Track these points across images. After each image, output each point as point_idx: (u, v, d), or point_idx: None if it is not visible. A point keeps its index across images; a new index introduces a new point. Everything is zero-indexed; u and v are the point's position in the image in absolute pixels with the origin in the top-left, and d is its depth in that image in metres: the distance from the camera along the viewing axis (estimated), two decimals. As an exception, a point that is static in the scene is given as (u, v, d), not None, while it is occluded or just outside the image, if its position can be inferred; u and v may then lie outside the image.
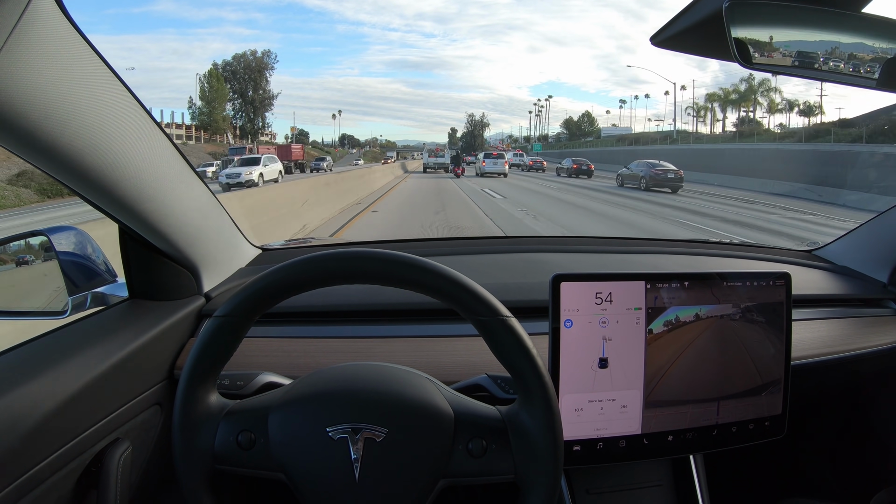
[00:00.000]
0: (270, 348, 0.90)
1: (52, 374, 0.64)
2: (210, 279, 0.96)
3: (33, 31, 0.48)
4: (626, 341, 0.77)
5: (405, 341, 0.92)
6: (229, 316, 0.58)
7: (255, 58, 48.66)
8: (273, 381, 0.75)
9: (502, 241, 1.35)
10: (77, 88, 0.56)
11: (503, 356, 0.58)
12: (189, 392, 0.58)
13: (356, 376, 0.63)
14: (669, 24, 0.69)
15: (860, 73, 0.67)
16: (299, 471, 0.58)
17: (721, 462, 0.93)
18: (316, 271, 0.58)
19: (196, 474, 0.58)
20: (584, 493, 0.86)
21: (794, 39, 0.67)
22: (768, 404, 0.83)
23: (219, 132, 45.57)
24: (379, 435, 0.57)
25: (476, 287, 0.58)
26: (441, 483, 0.58)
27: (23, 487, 0.58)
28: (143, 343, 0.77)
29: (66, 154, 0.59)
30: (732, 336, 0.81)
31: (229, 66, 48.23)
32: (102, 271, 0.89)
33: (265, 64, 48.96)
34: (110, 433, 0.71)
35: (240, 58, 48.86)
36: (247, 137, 47.32)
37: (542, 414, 0.57)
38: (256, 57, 48.83)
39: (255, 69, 48.31)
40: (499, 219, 9.40)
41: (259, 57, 48.99)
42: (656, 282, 0.78)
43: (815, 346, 0.98)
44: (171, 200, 0.79)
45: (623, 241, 1.36)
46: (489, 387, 0.75)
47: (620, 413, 0.78)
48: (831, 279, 1.21)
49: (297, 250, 1.31)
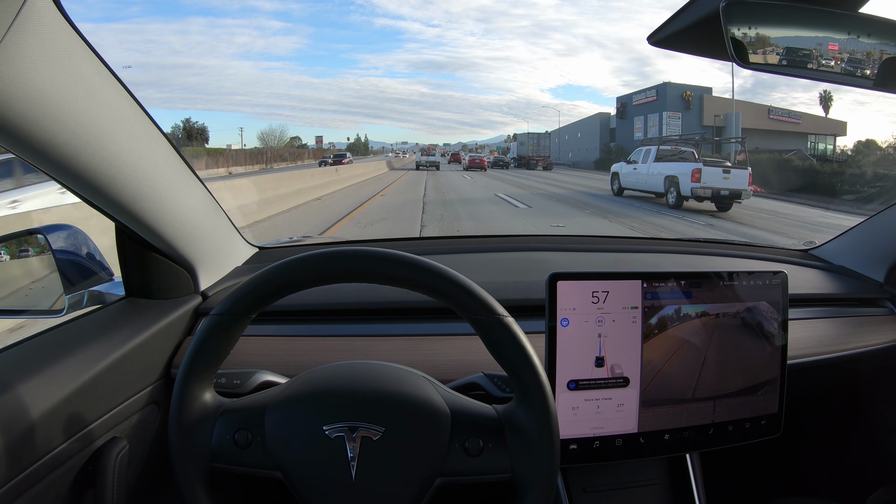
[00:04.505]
0: (267, 347, 0.90)
1: (48, 372, 0.64)
2: (207, 277, 0.96)
3: (30, 29, 0.48)
4: (622, 340, 0.77)
5: (402, 340, 0.92)
6: (226, 314, 0.58)
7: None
8: (270, 379, 0.75)
9: (499, 240, 1.35)
10: (73, 86, 0.56)
11: (500, 355, 0.58)
12: (185, 390, 0.58)
13: (353, 375, 0.63)
14: (667, 23, 0.69)
15: (857, 73, 0.67)
16: (296, 469, 0.58)
17: (717, 461, 0.94)
18: (312, 270, 0.58)
19: (193, 473, 0.58)
20: (580, 492, 0.86)
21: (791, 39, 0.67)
22: (764, 403, 0.84)
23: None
24: (375, 433, 0.58)
25: (473, 286, 0.58)
26: (437, 482, 0.58)
27: (20, 486, 0.57)
28: (139, 341, 0.77)
29: (62, 152, 0.59)
30: (729, 335, 0.81)
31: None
32: (99, 270, 0.89)
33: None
34: (107, 432, 0.71)
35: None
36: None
37: (539, 412, 0.57)
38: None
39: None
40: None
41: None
42: (653, 281, 0.78)
43: (812, 345, 0.98)
44: (168, 199, 0.79)
45: (620, 240, 1.37)
46: (486, 385, 0.75)
47: (617, 412, 0.78)
48: (828, 278, 1.21)
49: (294, 249, 1.31)
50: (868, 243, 1.21)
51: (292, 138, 68.57)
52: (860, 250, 1.23)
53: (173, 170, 0.79)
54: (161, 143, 0.75)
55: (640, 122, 32.68)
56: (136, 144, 0.70)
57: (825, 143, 30.01)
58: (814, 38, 0.67)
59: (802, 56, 0.67)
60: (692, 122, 29.56)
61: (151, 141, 0.73)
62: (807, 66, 0.67)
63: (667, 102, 31.08)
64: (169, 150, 0.77)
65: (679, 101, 31.11)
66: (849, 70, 0.67)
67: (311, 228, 7.83)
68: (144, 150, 0.72)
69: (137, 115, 0.69)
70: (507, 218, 9.26)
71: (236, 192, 8.87)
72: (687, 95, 30.95)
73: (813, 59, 0.67)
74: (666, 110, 30.74)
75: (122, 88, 0.64)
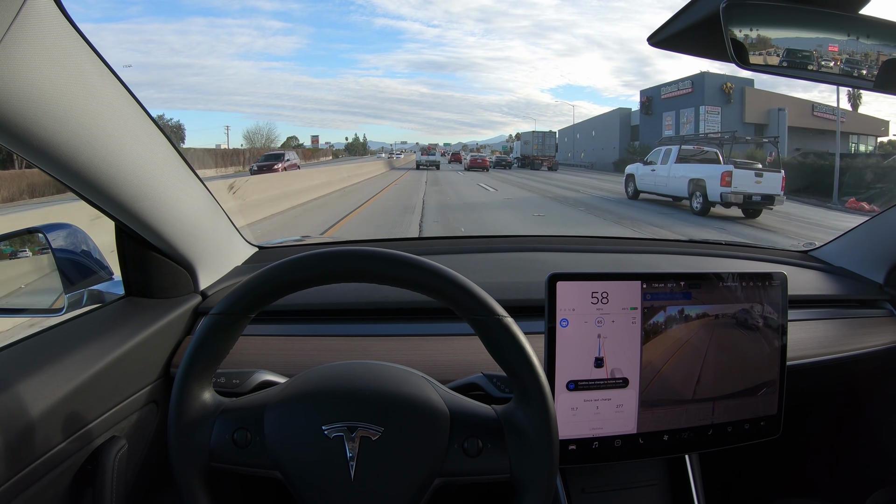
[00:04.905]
0: (266, 346, 0.90)
1: (48, 371, 0.64)
2: (206, 277, 0.96)
3: (30, 28, 0.48)
4: (621, 341, 0.77)
5: (401, 340, 0.92)
6: (225, 314, 0.58)
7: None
8: (269, 379, 0.75)
9: (499, 241, 1.35)
10: (74, 85, 0.56)
11: (499, 355, 0.58)
12: (185, 390, 0.58)
13: (352, 375, 0.63)
14: (667, 24, 0.69)
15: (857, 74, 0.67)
16: (295, 469, 0.58)
17: (717, 462, 0.94)
18: (312, 269, 0.58)
19: (192, 472, 0.58)
20: (579, 493, 0.86)
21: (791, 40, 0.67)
22: (764, 404, 0.83)
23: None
24: (374, 433, 0.58)
25: (472, 286, 0.58)
26: (436, 482, 0.58)
27: (19, 484, 0.57)
28: (139, 341, 0.77)
29: (62, 151, 0.59)
30: (728, 336, 0.81)
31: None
32: (99, 269, 0.89)
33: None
34: (106, 431, 0.71)
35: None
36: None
37: (538, 413, 0.57)
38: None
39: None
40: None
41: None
42: (652, 281, 0.78)
43: (811, 346, 0.98)
44: (168, 198, 0.79)
45: (620, 240, 1.37)
46: (485, 386, 0.75)
47: (616, 412, 0.78)
48: (827, 280, 1.21)
49: (294, 248, 1.31)
50: (868, 245, 1.21)
51: (289, 138, 67.27)
52: (860, 252, 1.22)
53: (173, 169, 0.79)
54: (161, 143, 0.75)
55: (671, 118, 28.71)
56: (136, 143, 0.70)
57: (865, 144, 26.31)
58: (814, 39, 0.67)
59: (803, 57, 0.66)
60: (732, 117, 25.40)
61: (151, 140, 0.73)
62: (807, 68, 0.67)
63: (704, 95, 27.03)
64: (169, 150, 0.77)
65: (718, 94, 27.02)
66: (849, 71, 0.67)
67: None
68: (144, 149, 0.72)
69: (137, 114, 0.69)
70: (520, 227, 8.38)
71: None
72: (727, 88, 26.99)
73: (813, 61, 0.67)
74: (704, 104, 26.77)
75: (122, 87, 0.64)
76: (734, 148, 12.21)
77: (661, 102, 30.16)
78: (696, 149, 11.91)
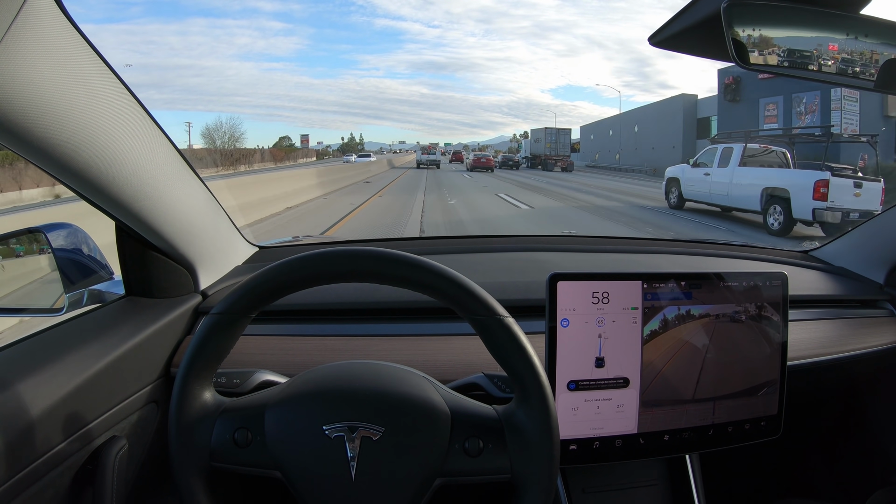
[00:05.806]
0: (267, 346, 0.90)
1: (48, 371, 0.64)
2: (207, 277, 0.96)
3: (30, 27, 0.48)
4: (622, 341, 0.77)
5: (402, 340, 0.92)
6: (226, 313, 0.58)
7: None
8: (269, 379, 0.75)
9: (499, 240, 1.35)
10: (74, 85, 0.56)
11: (500, 355, 0.58)
12: (185, 390, 0.58)
13: (353, 375, 0.63)
14: (668, 24, 0.69)
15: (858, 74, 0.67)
16: (295, 469, 0.58)
17: (717, 462, 0.94)
18: (313, 269, 0.58)
19: (192, 472, 0.58)
20: (580, 492, 0.86)
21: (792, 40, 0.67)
22: (764, 404, 0.83)
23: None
24: (375, 433, 0.58)
25: (473, 286, 0.58)
26: (437, 482, 0.58)
27: (19, 484, 0.57)
28: (139, 340, 0.77)
29: (62, 150, 0.59)
30: (729, 336, 0.81)
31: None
32: (99, 268, 0.89)
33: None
34: (107, 430, 0.71)
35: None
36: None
37: (539, 413, 0.57)
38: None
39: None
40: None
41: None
42: (653, 281, 0.78)
43: (812, 346, 0.98)
44: (169, 198, 0.79)
45: (620, 240, 1.36)
46: (486, 386, 0.75)
47: (617, 412, 0.78)
48: (828, 280, 1.21)
49: (294, 248, 1.31)
50: (868, 245, 1.21)
51: (281, 138, 64.44)
52: (860, 252, 1.22)
53: (174, 169, 0.79)
54: (161, 142, 0.75)
55: (775, 106, 19.12)
56: (137, 143, 0.70)
57: None
58: (815, 39, 0.67)
59: (803, 57, 0.66)
60: (870, 110, 16.44)
61: (152, 140, 0.73)
62: (808, 68, 0.67)
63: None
64: (169, 149, 0.77)
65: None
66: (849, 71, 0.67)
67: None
68: (145, 149, 0.72)
69: (138, 113, 0.69)
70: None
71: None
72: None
73: (814, 61, 0.67)
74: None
75: (122, 87, 0.64)
76: (820, 149, 8.26)
77: (758, 85, 19.62)
78: (762, 148, 8.96)
